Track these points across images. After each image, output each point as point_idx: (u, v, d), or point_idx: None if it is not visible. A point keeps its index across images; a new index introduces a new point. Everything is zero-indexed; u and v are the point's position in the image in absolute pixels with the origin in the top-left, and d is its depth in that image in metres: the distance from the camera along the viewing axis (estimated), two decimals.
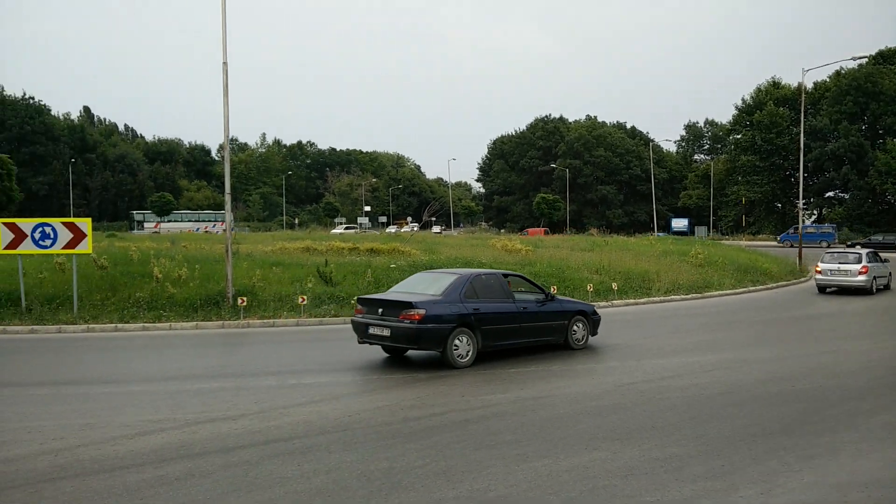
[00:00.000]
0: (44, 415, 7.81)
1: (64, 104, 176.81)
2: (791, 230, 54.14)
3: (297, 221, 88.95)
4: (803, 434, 7.13)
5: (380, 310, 10.57)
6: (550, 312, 11.83)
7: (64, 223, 15.76)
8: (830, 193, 72.60)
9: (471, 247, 30.70)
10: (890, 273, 24.17)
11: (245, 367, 10.91)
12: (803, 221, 45.01)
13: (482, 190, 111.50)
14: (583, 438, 6.92)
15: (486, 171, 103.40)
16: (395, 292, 11.48)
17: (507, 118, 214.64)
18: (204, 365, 11.33)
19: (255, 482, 5.64)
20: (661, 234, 62.19)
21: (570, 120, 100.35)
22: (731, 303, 20.48)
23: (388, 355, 11.47)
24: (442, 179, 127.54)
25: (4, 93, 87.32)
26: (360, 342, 11.10)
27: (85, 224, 15.93)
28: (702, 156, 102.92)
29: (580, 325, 12.27)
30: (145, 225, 79.41)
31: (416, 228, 65.15)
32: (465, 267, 20.67)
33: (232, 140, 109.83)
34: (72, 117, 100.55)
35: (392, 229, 76.08)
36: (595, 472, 5.89)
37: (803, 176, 37.23)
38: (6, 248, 15.38)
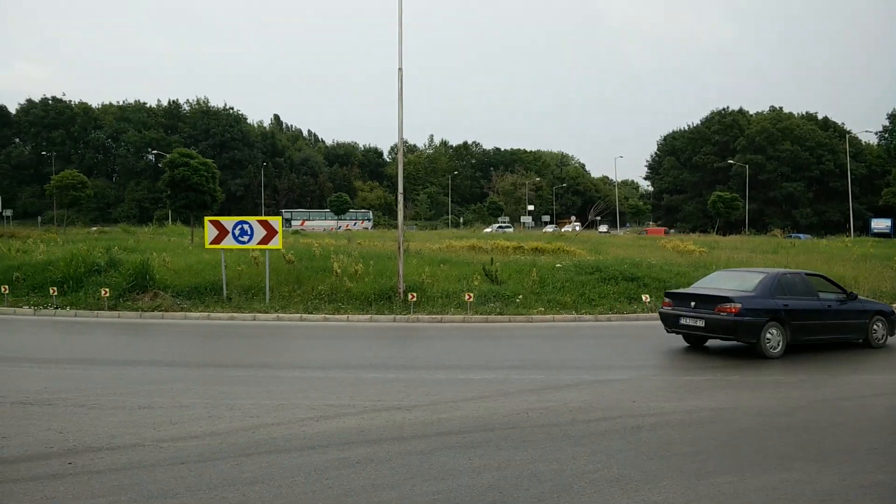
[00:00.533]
0: (242, 394, 8.64)
1: (258, 113, 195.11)
2: None
3: (461, 220, 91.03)
4: None
5: (692, 303, 11.60)
6: (852, 311, 12.23)
7: (259, 221, 17.37)
8: None
9: (639, 247, 29.57)
10: None
11: (416, 360, 11.33)
12: None
13: (650, 188, 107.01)
14: (771, 457, 6.37)
15: (655, 168, 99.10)
16: (703, 287, 12.31)
17: (678, 113, 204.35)
18: (378, 356, 11.94)
19: (429, 472, 5.83)
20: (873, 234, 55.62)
21: (751, 112, 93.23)
22: None
23: (692, 345, 12.44)
24: (607, 178, 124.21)
25: (209, 104, 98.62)
26: (668, 332, 12.28)
27: (276, 222, 17.44)
28: None
29: (880, 325, 12.51)
30: (292, 223, 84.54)
31: (578, 228, 63.83)
32: (633, 268, 19.96)
33: (402, 142, 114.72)
34: (264, 125, 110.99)
35: (550, 228, 74.92)
36: (787, 494, 5.40)
37: None
38: (211, 242, 17.27)
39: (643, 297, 16.76)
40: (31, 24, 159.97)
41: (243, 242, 17.17)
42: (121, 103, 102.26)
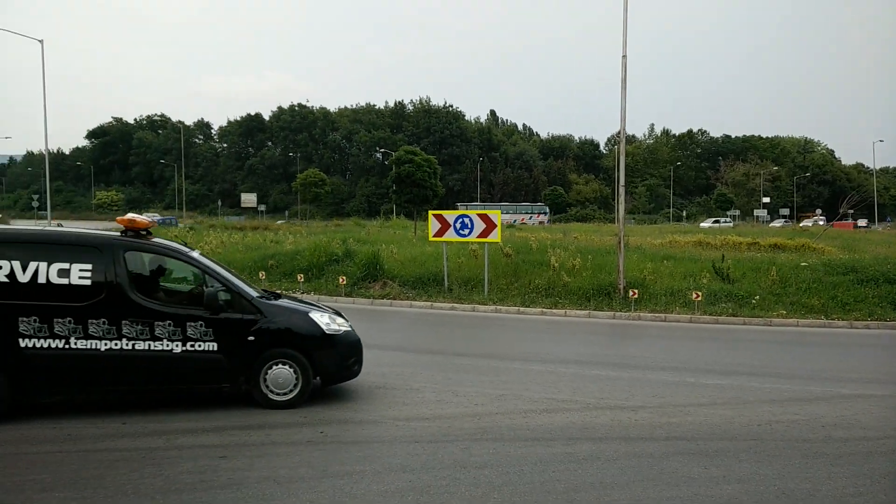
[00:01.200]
0: (465, 382, 8.93)
1: (475, 109, 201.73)
2: None
3: (684, 214, 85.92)
4: None
5: None
6: None
7: (479, 215, 17.88)
8: None
9: None
10: None
11: (638, 359, 10.87)
12: None
13: None
14: None
15: None
16: None
17: None
18: (598, 352, 11.65)
19: (660, 476, 5.53)
20: None
21: None
22: None
23: None
24: (863, 165, 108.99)
25: (430, 103, 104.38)
26: None
27: (496, 216, 17.82)
28: None
29: None
30: None
31: (821, 223, 56.32)
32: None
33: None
34: (481, 120, 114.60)
35: (779, 223, 66.37)
36: None
37: None
38: (435, 235, 18.15)
39: None
40: (279, 36, 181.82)
41: (464, 235, 17.80)
42: (354, 107, 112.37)
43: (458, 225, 17.79)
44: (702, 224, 60.52)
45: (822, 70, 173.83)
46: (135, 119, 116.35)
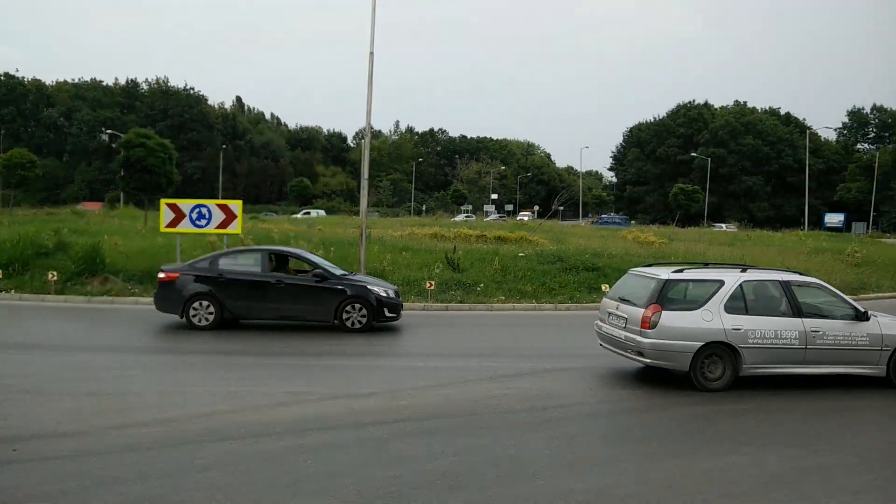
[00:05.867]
0: (194, 381, 8.48)
1: (220, 94, 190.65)
2: None
3: (424, 208, 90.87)
4: None
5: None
6: None
7: (218, 205, 16.98)
8: None
9: (600, 238, 29.92)
10: None
11: (373, 348, 11.27)
12: None
13: (614, 179, 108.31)
14: (720, 440, 6.54)
15: (619, 159, 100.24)
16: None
17: (644, 105, 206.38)
18: (336, 344, 11.81)
19: (386, 458, 5.82)
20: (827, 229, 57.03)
21: (716, 106, 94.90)
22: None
23: None
24: (572, 168, 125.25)
25: (169, 84, 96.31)
26: None
27: (236, 206, 17.08)
28: (866, 145, 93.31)
29: None
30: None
31: (527, 218, 64.24)
32: (594, 258, 20.20)
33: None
34: (225, 106, 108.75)
35: (493, 217, 73.13)
36: (734, 477, 5.55)
37: None
38: (167, 226, 16.81)
39: (602, 287, 16.96)
40: None
41: (201, 226, 16.78)
42: (76, 81, 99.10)
43: (194, 215, 16.68)
44: (455, 218, 65.12)
45: (543, 80, 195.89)
46: None
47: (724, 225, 58.93)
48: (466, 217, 68.80)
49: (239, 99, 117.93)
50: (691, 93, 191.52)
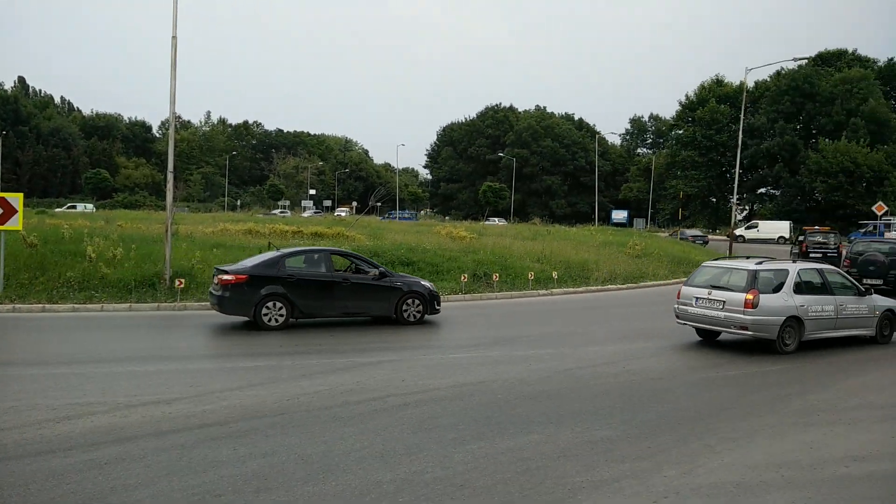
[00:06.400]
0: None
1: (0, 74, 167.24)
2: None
3: (239, 203, 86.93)
4: (726, 418, 7.48)
5: None
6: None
7: None
8: (762, 190, 75.45)
9: (416, 233, 30.71)
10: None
11: (178, 351, 10.69)
12: (736, 216, 46.45)
13: (429, 177, 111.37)
14: (519, 422, 7.08)
15: (434, 157, 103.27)
16: None
17: (458, 105, 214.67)
18: (136, 347, 11.02)
19: (189, 466, 5.58)
20: (610, 224, 63.43)
21: (520, 110, 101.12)
22: (665, 292, 21.11)
23: None
24: (390, 165, 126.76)
25: None
26: None
27: (16, 199, 15.25)
28: (644, 149, 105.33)
29: None
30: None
31: (344, 214, 64.53)
32: (409, 253, 20.71)
33: (176, 117, 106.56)
34: (5, 87, 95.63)
35: (308, 213, 72.19)
36: (529, 454, 6.05)
37: (738, 172, 38.49)
38: None
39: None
40: None
41: None
42: None
43: None
44: (272, 213, 63.63)
45: (359, 77, 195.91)
46: None
47: (496, 219, 63.61)
48: (283, 213, 67.32)
49: (22, 80, 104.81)
50: (501, 96, 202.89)
